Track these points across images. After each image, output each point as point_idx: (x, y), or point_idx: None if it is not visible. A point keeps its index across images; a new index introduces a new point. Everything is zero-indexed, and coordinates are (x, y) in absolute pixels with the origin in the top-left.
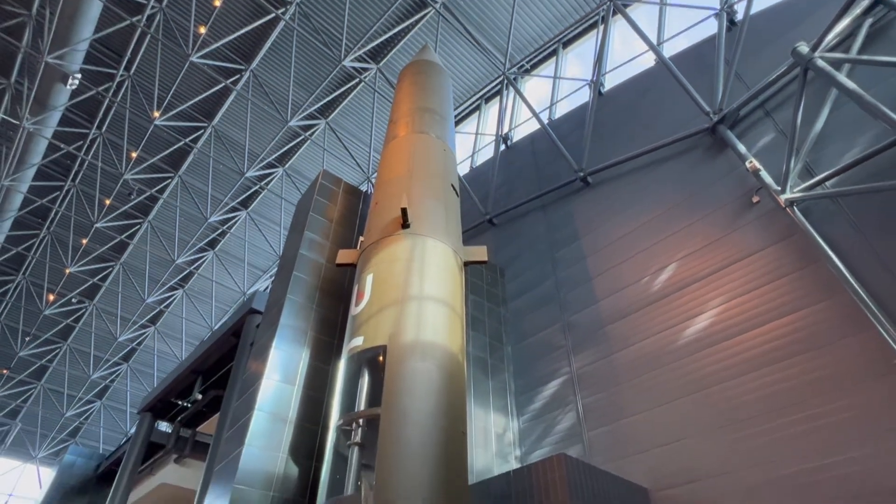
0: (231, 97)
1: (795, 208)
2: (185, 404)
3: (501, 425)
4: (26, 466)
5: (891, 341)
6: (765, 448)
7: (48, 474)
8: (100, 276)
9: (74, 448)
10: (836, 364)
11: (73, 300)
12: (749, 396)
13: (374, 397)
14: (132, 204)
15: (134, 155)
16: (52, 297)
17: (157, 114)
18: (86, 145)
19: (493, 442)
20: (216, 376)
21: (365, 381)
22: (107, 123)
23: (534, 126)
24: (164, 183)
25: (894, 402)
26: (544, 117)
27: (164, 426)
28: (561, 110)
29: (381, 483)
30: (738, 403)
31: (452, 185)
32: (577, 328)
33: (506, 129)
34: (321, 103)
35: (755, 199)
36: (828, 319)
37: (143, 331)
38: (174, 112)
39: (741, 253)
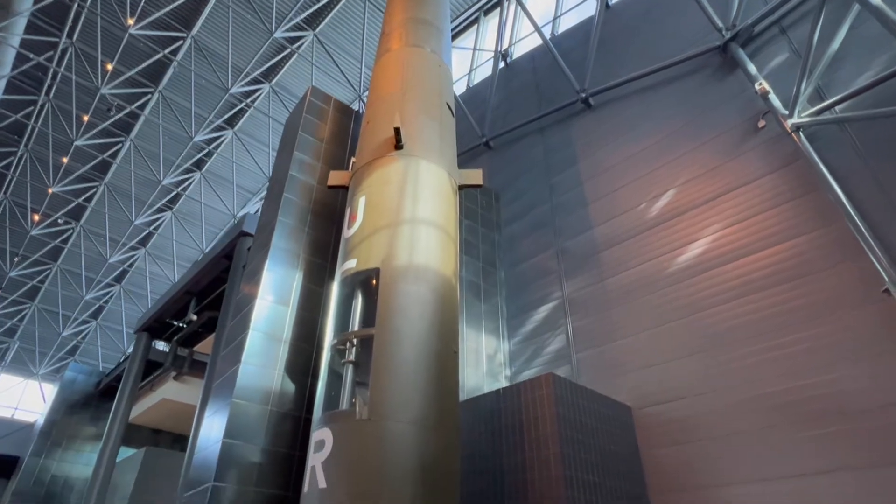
0: (210, 4)
1: (801, 134)
2: (181, 325)
3: (493, 347)
4: (28, 382)
5: (882, 270)
6: (749, 369)
7: (50, 390)
8: (84, 196)
9: (74, 365)
10: (827, 291)
11: (59, 221)
12: (738, 321)
13: (368, 318)
14: (112, 121)
15: (109, 67)
16: (37, 218)
17: (130, 21)
18: (57, 55)
19: (484, 362)
20: (210, 298)
21: (358, 302)
22: (77, 31)
23: (535, 42)
24: (144, 99)
25: (881, 328)
26: (546, 32)
27: (161, 345)
28: (565, 24)
29: (374, 398)
30: (726, 328)
31: (448, 105)
32: (570, 254)
33: (505, 45)
34: (308, 12)
35: (761, 124)
36: (822, 247)
37: (134, 252)
38: (149, 20)
39: (742, 179)
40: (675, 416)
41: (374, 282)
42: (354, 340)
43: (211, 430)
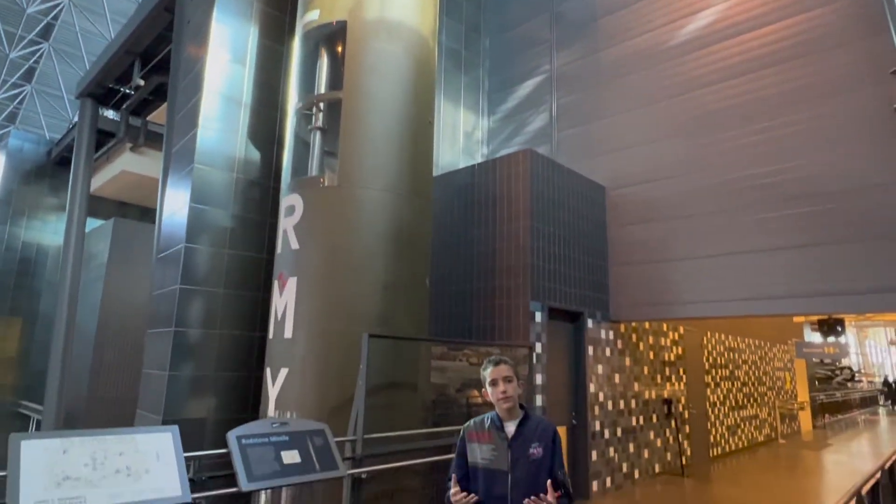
0: None
1: None
2: (128, 91)
3: (471, 123)
4: None
5: None
6: (733, 152)
7: None
8: None
9: (17, 133)
10: (833, 70)
11: None
12: (732, 101)
13: (335, 80)
14: None
15: None
16: None
17: None
18: None
19: (461, 139)
20: (156, 60)
21: (324, 61)
22: None
23: None
24: None
25: (882, 110)
26: None
27: (111, 114)
28: None
29: (344, 166)
30: (718, 108)
31: None
32: (565, 20)
33: None
34: None
35: None
36: (840, 20)
37: (56, 1)
38: None
39: None
40: (647, 197)
41: (341, 42)
42: (321, 104)
43: (177, 198)
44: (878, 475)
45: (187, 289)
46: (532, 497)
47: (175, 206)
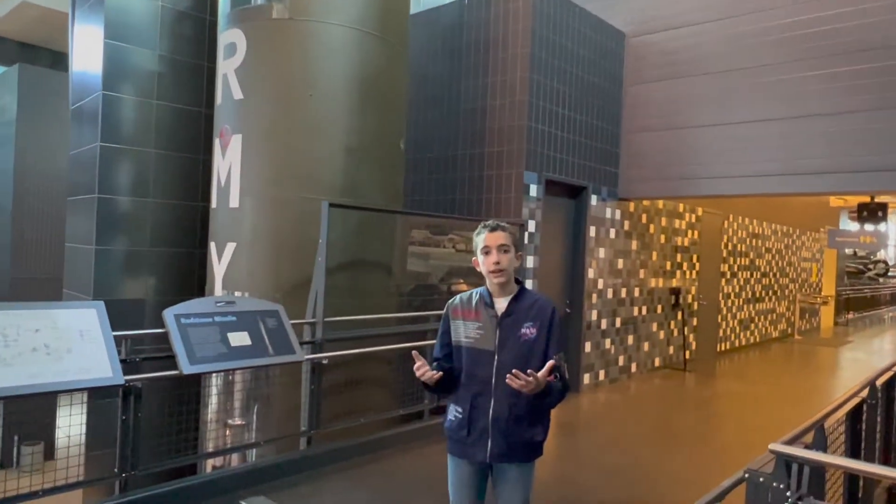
0: None
1: None
2: None
3: None
4: None
5: None
6: None
7: None
8: None
9: None
10: None
11: None
12: None
13: None
14: None
15: None
16: None
17: None
18: None
19: None
20: None
21: None
22: None
23: None
24: None
25: None
26: None
27: None
28: None
29: None
30: None
31: None
32: None
33: None
34: None
35: None
36: None
37: None
38: None
39: None
40: (674, 47)
41: None
42: None
43: (88, 34)
44: None
45: (109, 147)
46: (515, 370)
47: (87, 44)
